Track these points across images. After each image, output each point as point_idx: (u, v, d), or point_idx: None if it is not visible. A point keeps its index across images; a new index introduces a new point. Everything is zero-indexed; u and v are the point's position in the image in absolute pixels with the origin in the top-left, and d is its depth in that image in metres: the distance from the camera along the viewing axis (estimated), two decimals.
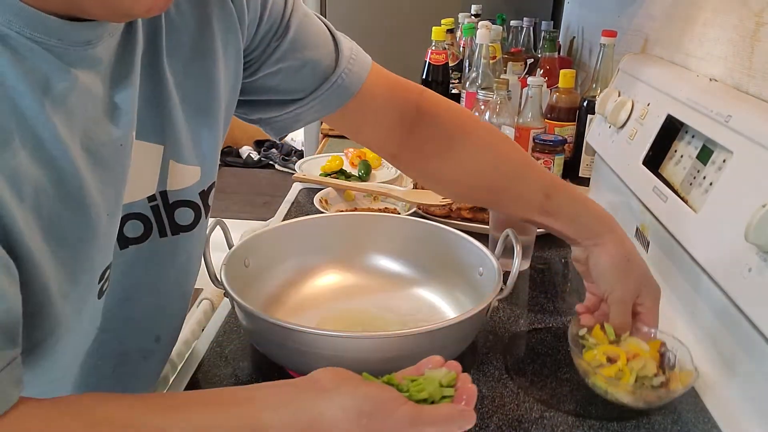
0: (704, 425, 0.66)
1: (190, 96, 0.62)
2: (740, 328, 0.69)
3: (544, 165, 1.28)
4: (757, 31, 0.83)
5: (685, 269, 0.83)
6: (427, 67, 1.53)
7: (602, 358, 0.68)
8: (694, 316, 0.81)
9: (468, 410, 0.51)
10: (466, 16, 1.93)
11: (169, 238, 0.64)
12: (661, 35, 1.18)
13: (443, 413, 0.50)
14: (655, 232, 0.95)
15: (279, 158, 4.82)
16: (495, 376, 0.73)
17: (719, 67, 0.93)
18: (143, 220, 0.61)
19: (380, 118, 0.77)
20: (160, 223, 0.63)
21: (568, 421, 0.66)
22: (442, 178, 0.81)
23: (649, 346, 0.70)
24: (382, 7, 2.29)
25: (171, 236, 0.64)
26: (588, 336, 0.71)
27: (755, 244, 0.63)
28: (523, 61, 1.77)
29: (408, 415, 0.48)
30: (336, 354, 0.64)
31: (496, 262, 0.76)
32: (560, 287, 0.96)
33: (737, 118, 0.76)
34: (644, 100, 1.04)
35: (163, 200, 0.63)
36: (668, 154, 0.94)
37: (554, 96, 1.38)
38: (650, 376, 0.66)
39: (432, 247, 0.87)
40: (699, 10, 1.01)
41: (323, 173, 1.32)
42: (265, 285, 0.82)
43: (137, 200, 0.60)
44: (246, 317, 0.69)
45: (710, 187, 0.78)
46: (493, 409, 0.67)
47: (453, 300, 0.84)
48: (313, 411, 0.48)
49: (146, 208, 0.61)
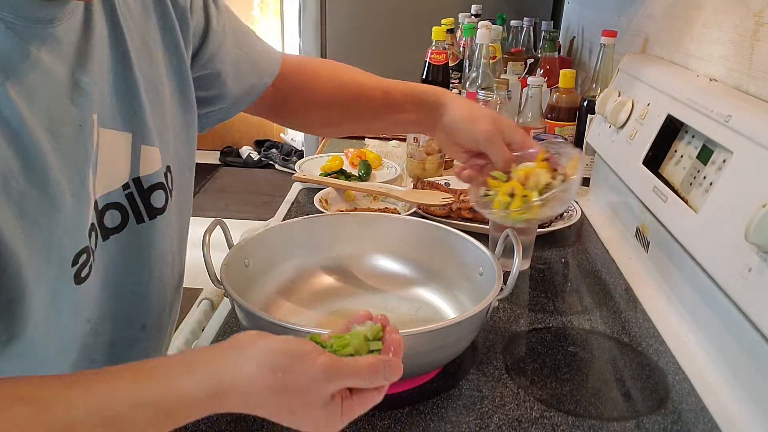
0: (704, 425, 0.66)
1: (146, 78, 0.65)
2: (740, 328, 0.69)
3: None
4: (757, 31, 0.83)
5: (685, 269, 0.83)
6: (427, 67, 1.53)
7: (506, 198, 0.71)
8: (694, 316, 0.81)
9: (394, 360, 0.50)
10: (466, 16, 1.92)
11: (146, 224, 0.66)
12: (661, 35, 1.18)
13: (365, 364, 0.49)
14: (655, 232, 0.95)
15: (279, 158, 4.82)
16: (495, 376, 0.73)
17: (719, 67, 0.93)
18: (120, 209, 0.63)
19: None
20: (136, 210, 0.65)
21: (568, 421, 0.66)
22: (307, 120, 0.93)
23: (535, 162, 0.72)
24: (382, 7, 2.29)
25: (148, 221, 0.66)
26: (487, 192, 0.74)
27: (755, 244, 0.63)
28: (523, 61, 1.77)
29: (325, 367, 0.47)
30: None
31: (496, 262, 0.76)
32: (560, 287, 0.96)
33: (737, 118, 0.76)
34: (644, 100, 1.04)
35: (137, 186, 0.64)
36: (668, 154, 0.94)
37: (554, 96, 1.38)
38: (551, 182, 0.69)
39: (432, 247, 0.87)
40: (699, 10, 1.01)
41: (323, 173, 1.32)
42: (265, 285, 0.82)
43: (113, 190, 0.62)
44: (246, 317, 0.69)
45: (710, 187, 0.78)
46: (493, 409, 0.67)
47: (453, 300, 0.83)
48: (228, 369, 0.47)
49: (122, 197, 0.63)
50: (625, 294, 0.93)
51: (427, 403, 0.67)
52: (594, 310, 0.88)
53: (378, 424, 0.64)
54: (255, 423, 0.64)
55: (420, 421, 0.65)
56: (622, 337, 0.82)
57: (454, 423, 0.65)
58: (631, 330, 0.83)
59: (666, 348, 0.79)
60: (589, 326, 0.84)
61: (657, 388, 0.72)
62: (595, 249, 1.08)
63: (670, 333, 0.82)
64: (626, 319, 0.86)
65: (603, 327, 0.84)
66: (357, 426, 0.64)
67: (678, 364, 0.75)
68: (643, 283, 0.95)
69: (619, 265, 1.01)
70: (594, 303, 0.91)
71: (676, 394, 0.71)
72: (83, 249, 0.56)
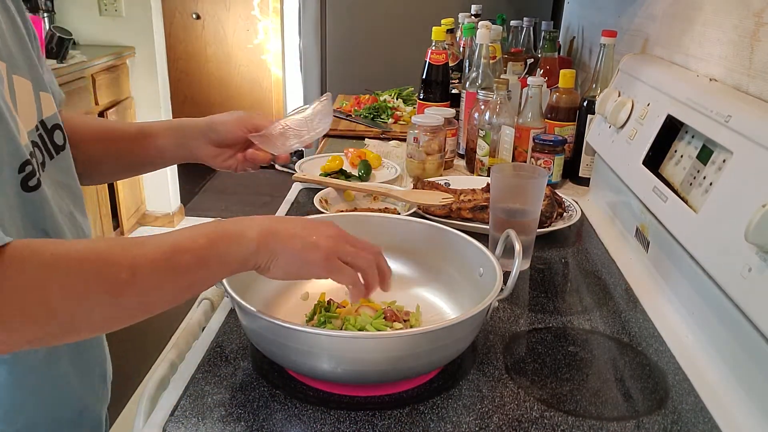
0: (704, 425, 0.66)
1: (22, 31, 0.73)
2: (740, 328, 0.69)
3: (544, 165, 1.29)
4: (757, 31, 0.83)
5: (685, 269, 0.83)
6: (427, 67, 1.53)
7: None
8: (694, 316, 0.81)
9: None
10: (466, 16, 1.92)
11: (55, 159, 0.75)
12: (661, 35, 1.18)
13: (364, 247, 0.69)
14: (655, 232, 0.95)
15: None
16: (495, 376, 0.73)
17: (719, 67, 0.93)
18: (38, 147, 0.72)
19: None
20: (46, 147, 0.74)
21: (568, 421, 0.66)
22: (91, 175, 0.94)
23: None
24: (382, 7, 2.29)
25: (56, 156, 0.76)
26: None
27: (755, 244, 0.63)
28: (523, 61, 1.77)
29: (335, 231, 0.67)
30: (336, 354, 0.65)
31: (496, 262, 0.76)
32: (560, 287, 0.96)
33: (737, 118, 0.76)
34: (644, 100, 1.04)
35: (44, 127, 0.74)
36: (668, 154, 0.94)
37: (554, 96, 1.38)
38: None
39: (432, 247, 0.87)
40: (699, 10, 1.01)
41: (323, 173, 1.32)
42: (265, 285, 0.82)
43: (30, 129, 0.70)
44: (246, 317, 0.69)
45: (710, 187, 0.78)
46: (493, 409, 0.67)
47: (453, 300, 0.84)
48: (228, 223, 0.63)
49: (35, 136, 0.72)
50: (625, 294, 0.93)
51: (427, 403, 0.67)
52: (594, 310, 0.88)
53: (378, 424, 0.64)
54: (255, 423, 0.64)
55: (420, 421, 0.65)
56: (622, 337, 0.82)
57: (454, 423, 0.65)
58: (631, 330, 0.83)
59: (666, 348, 0.79)
60: (589, 326, 0.84)
61: (657, 388, 0.72)
62: (595, 249, 1.08)
63: (670, 333, 0.82)
64: (626, 319, 0.86)
65: (603, 327, 0.84)
66: (357, 426, 0.64)
67: (678, 364, 0.76)
68: (643, 283, 0.95)
69: (619, 265, 1.01)
70: (594, 303, 0.91)
71: (676, 394, 0.71)
72: (26, 161, 0.65)
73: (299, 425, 0.64)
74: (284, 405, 0.67)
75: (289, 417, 0.65)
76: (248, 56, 4.89)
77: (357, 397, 0.68)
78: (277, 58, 4.85)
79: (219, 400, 0.67)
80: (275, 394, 0.68)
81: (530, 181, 0.96)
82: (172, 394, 0.68)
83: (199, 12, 4.80)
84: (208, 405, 0.66)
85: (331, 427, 0.64)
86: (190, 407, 0.66)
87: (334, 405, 0.67)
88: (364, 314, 0.77)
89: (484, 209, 1.10)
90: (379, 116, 1.87)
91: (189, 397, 0.68)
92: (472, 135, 1.41)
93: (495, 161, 1.35)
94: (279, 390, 0.69)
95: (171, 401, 0.67)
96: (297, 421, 0.65)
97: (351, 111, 1.89)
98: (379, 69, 2.25)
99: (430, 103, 1.53)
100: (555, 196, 1.13)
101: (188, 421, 0.64)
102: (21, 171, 0.65)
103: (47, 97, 0.76)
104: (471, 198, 1.14)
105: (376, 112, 1.88)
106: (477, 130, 1.37)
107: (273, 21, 4.77)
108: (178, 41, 4.85)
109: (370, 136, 1.73)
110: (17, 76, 0.69)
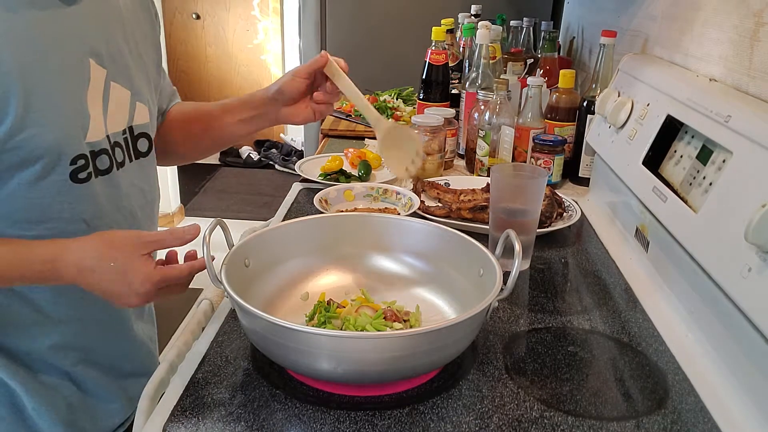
0: (704, 425, 0.66)
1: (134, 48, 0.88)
2: (740, 328, 0.69)
3: (544, 165, 1.29)
4: (757, 31, 0.83)
5: (685, 269, 0.83)
6: (427, 67, 1.53)
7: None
8: (694, 316, 0.81)
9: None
10: (466, 16, 1.93)
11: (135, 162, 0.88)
12: (661, 35, 1.18)
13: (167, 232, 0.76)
14: (655, 232, 0.95)
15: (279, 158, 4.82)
16: (495, 376, 0.73)
17: (719, 67, 0.93)
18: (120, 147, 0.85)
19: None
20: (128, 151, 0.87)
21: (568, 421, 0.66)
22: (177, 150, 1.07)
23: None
24: (382, 7, 2.29)
25: (136, 160, 0.89)
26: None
27: (755, 244, 0.63)
28: (523, 61, 1.77)
29: (139, 233, 0.74)
30: (336, 354, 0.65)
31: (496, 262, 0.76)
32: (560, 287, 0.96)
33: (737, 118, 0.76)
34: (644, 100, 1.04)
35: (130, 133, 0.87)
36: (668, 154, 0.94)
37: (554, 96, 1.38)
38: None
39: (432, 247, 0.87)
40: (699, 10, 1.01)
41: (323, 173, 1.32)
42: (265, 285, 0.82)
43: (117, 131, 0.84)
44: (246, 317, 0.69)
45: (710, 187, 0.78)
46: (493, 409, 0.67)
47: (453, 300, 0.84)
48: (62, 243, 0.73)
49: (121, 138, 0.85)
50: (625, 294, 0.93)
51: (427, 403, 0.67)
52: (594, 310, 0.88)
53: (378, 424, 0.64)
54: (255, 423, 0.64)
55: (420, 421, 0.65)
56: (621, 337, 0.82)
57: (454, 423, 0.65)
58: (631, 330, 0.83)
59: (666, 348, 0.79)
60: (589, 326, 0.84)
61: (657, 388, 0.72)
62: (595, 249, 1.08)
63: (670, 333, 0.82)
64: (626, 319, 0.86)
65: (603, 327, 0.84)
66: (357, 426, 0.64)
67: (678, 364, 0.76)
68: (643, 283, 0.95)
69: (619, 265, 1.01)
70: (594, 303, 0.91)
71: (676, 394, 0.71)
72: (80, 155, 0.76)
73: (299, 425, 0.64)
74: (284, 405, 0.67)
75: (289, 417, 0.65)
76: (248, 56, 4.89)
77: (357, 397, 0.68)
78: (277, 58, 4.85)
79: (219, 400, 0.67)
80: (275, 394, 0.68)
81: (530, 181, 0.96)
82: (172, 394, 0.68)
83: (199, 12, 4.81)
84: (208, 405, 0.66)
85: (331, 427, 0.64)
86: (190, 407, 0.66)
87: (334, 405, 0.67)
88: (364, 314, 0.77)
89: (484, 209, 1.10)
90: None
91: (189, 397, 0.68)
92: (471, 135, 1.41)
93: (495, 161, 1.35)
94: (279, 390, 0.69)
95: (171, 401, 0.67)
96: (297, 421, 0.65)
97: (351, 111, 1.90)
98: (379, 69, 2.25)
99: (430, 104, 1.53)
100: (555, 196, 1.14)
101: (188, 421, 0.64)
102: (73, 163, 0.75)
103: (143, 108, 0.88)
104: (471, 198, 1.14)
105: None
106: (477, 130, 1.37)
107: (273, 21, 4.78)
108: (178, 41, 4.86)
109: (370, 136, 1.73)
110: (116, 84, 0.82)
